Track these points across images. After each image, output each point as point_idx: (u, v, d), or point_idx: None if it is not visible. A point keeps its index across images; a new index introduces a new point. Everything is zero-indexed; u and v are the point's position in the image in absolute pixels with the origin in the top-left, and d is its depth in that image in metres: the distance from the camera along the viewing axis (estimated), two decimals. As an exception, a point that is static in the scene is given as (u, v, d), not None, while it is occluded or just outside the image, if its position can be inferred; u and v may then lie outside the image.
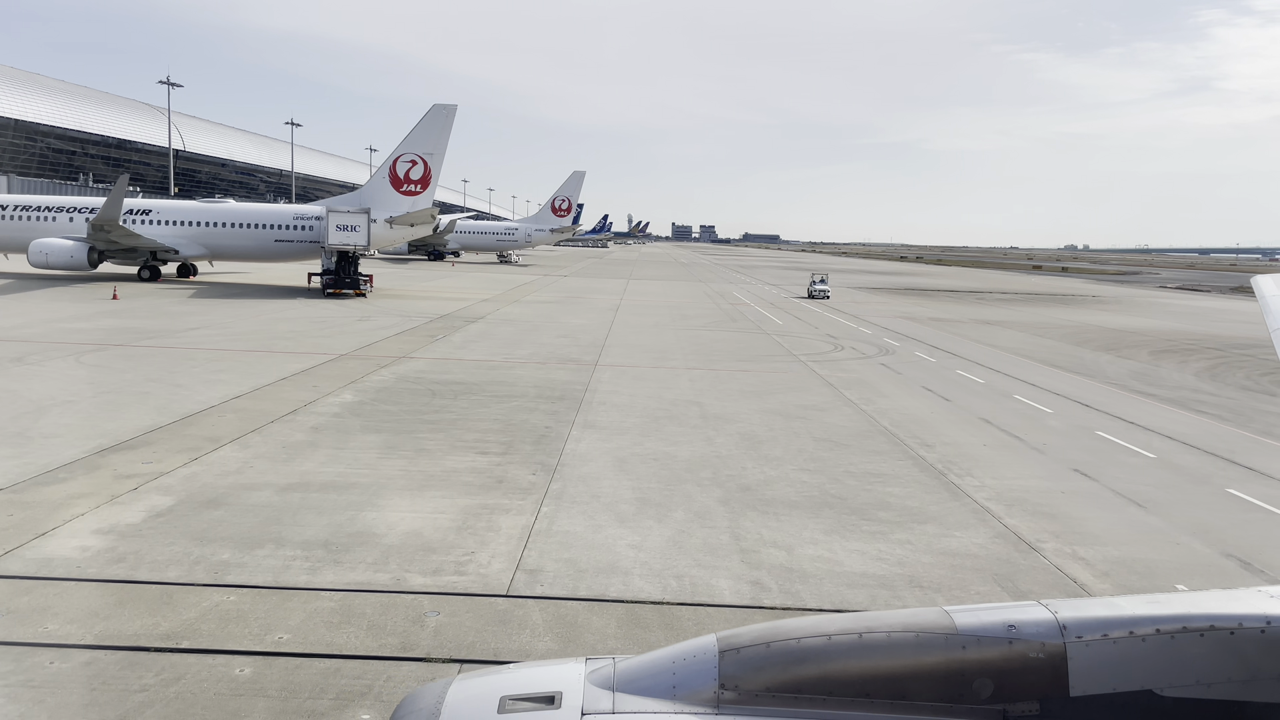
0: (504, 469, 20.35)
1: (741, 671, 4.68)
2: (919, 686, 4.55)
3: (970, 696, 4.52)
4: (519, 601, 13.24)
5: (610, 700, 4.74)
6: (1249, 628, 4.46)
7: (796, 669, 4.64)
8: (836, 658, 4.64)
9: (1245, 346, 55.01)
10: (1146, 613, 4.58)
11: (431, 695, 5.00)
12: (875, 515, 18.21)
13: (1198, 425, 29.08)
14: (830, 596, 13.98)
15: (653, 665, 4.96)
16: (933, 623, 4.72)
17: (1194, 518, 18.86)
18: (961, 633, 4.61)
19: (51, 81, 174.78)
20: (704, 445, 23.62)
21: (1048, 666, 4.47)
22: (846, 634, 4.72)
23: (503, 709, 4.69)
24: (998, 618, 4.67)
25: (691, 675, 4.76)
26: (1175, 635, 4.46)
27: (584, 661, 5.13)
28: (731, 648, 4.81)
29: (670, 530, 16.70)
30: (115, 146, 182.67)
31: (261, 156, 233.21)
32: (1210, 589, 11.46)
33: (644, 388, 31.72)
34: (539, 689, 4.84)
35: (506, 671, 5.32)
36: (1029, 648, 4.51)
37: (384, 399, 27.65)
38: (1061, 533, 17.57)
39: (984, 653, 4.55)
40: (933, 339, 52.47)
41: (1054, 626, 4.56)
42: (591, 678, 4.92)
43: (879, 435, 25.69)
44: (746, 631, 4.92)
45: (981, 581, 14.88)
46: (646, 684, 4.82)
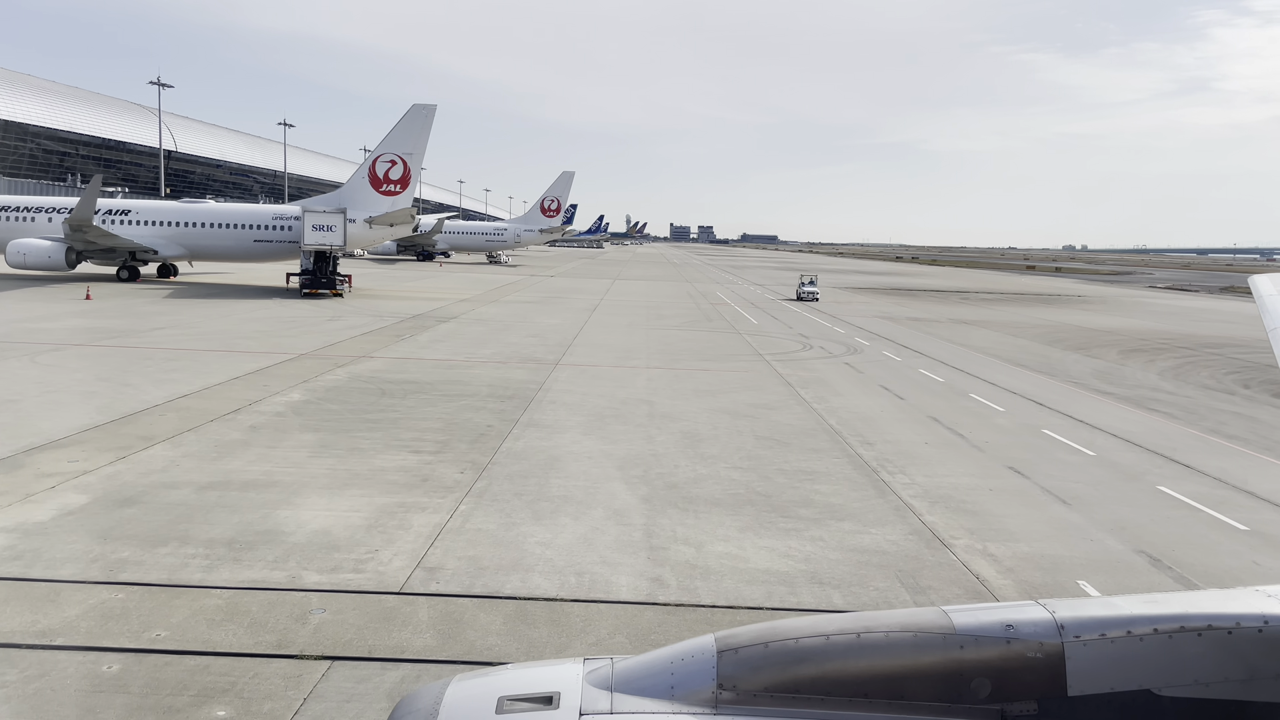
0: (433, 468, 20.36)
1: (740, 672, 4.69)
2: (917, 686, 4.55)
3: (968, 696, 4.52)
4: (409, 599, 13.25)
5: (608, 700, 4.75)
6: (1247, 627, 4.45)
7: (795, 669, 4.65)
8: (835, 658, 4.65)
9: (1218, 346, 55.06)
10: (1144, 612, 4.59)
11: (429, 696, 5.01)
12: (796, 513, 18.24)
13: (1146, 423, 29.11)
14: (726, 593, 14.00)
15: (651, 665, 4.97)
16: (931, 622, 4.73)
17: (1116, 515, 18.89)
18: (959, 632, 4.61)
19: (41, 82, 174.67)
20: (643, 444, 23.63)
21: (1045, 666, 4.48)
22: (844, 634, 4.73)
23: (500, 709, 4.70)
24: (995, 617, 4.68)
25: (690, 675, 4.77)
26: (1173, 635, 4.45)
27: (582, 662, 5.15)
28: (730, 648, 4.82)
29: (584, 528, 16.72)
30: (107, 147, 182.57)
31: (255, 157, 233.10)
32: (1200, 589, 11.37)
33: (598, 387, 31.74)
34: (537, 689, 4.86)
35: (504, 671, 5.33)
36: (1027, 647, 4.51)
37: (331, 398, 27.67)
38: (977, 529, 17.60)
39: (982, 652, 4.55)
40: (904, 338, 52.50)
41: (1052, 626, 4.56)
42: (589, 678, 4.94)
43: (822, 433, 25.72)
44: (744, 632, 4.93)
45: (883, 578, 14.90)
46: (644, 684, 4.83)
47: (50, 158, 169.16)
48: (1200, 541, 17.38)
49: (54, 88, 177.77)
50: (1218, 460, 24.20)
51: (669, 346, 44.54)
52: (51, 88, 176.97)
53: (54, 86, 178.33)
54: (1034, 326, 64.20)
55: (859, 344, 48.78)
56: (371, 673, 11.02)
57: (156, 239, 70.35)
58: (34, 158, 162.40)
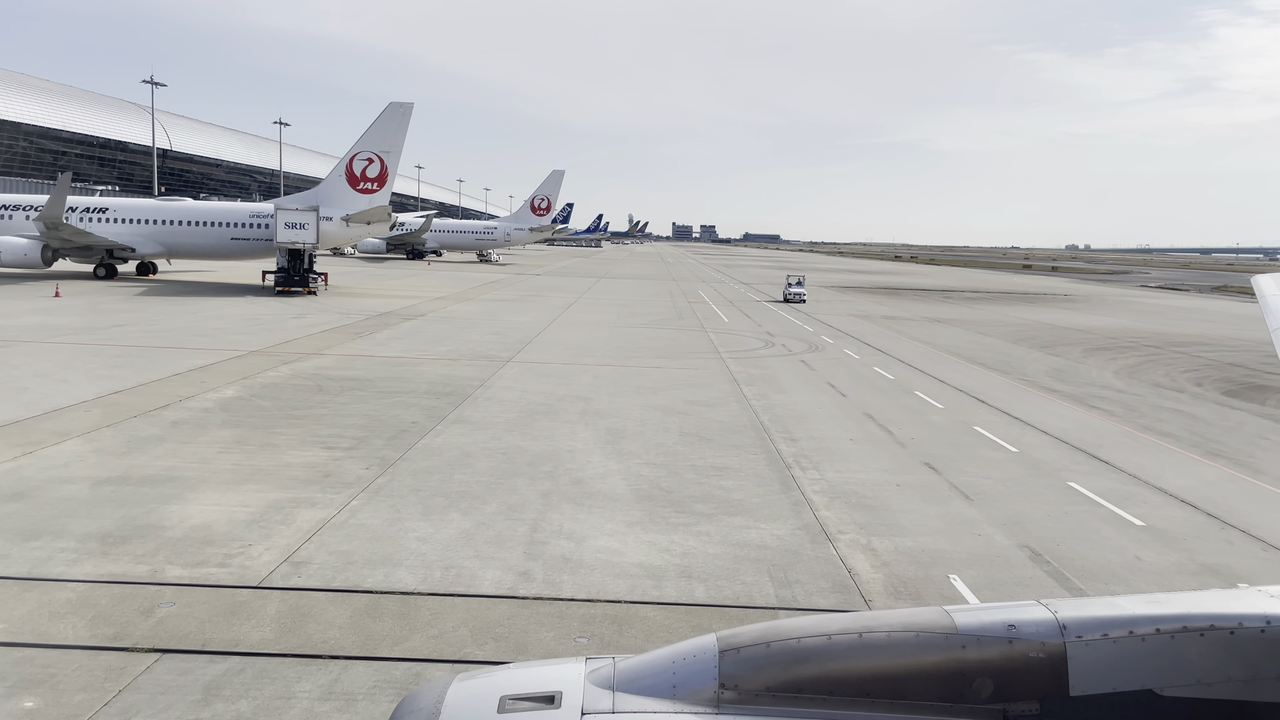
0: (340, 464, 20.39)
1: (742, 671, 4.70)
2: (919, 686, 4.56)
3: (970, 696, 4.53)
4: (263, 593, 13.29)
5: (610, 700, 4.75)
6: (1249, 627, 4.45)
7: (797, 669, 4.65)
8: (837, 657, 4.65)
9: (1187, 344, 54.96)
10: (1147, 612, 4.59)
11: (431, 695, 5.03)
12: (692, 508, 18.25)
13: (1081, 421, 29.07)
14: (590, 587, 14.03)
15: (653, 665, 4.98)
16: (933, 622, 4.73)
17: (1015, 510, 18.88)
18: (961, 632, 4.63)
19: (36, 80, 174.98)
20: (564, 440, 23.66)
21: (1048, 666, 4.48)
22: (846, 633, 4.74)
23: (502, 709, 4.71)
24: (998, 617, 4.69)
25: (692, 675, 4.77)
26: (1175, 635, 4.46)
27: (584, 661, 5.15)
28: (731, 647, 4.82)
29: (471, 523, 16.74)
30: (102, 146, 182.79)
31: (251, 156, 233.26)
32: (1206, 587, 11.36)
33: (541, 384, 31.76)
34: (539, 689, 4.87)
35: (506, 671, 5.33)
36: (1029, 647, 4.52)
37: (265, 395, 27.71)
38: (868, 524, 17.60)
39: (984, 652, 4.56)
40: (871, 337, 52.46)
41: (1054, 626, 4.57)
42: (591, 677, 4.94)
43: (750, 430, 25.72)
44: (746, 631, 4.94)
45: (754, 573, 14.92)
46: (646, 684, 4.83)
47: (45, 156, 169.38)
48: (1090, 537, 17.37)
49: (48, 86, 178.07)
50: (1139, 457, 24.18)
51: (629, 344, 44.55)
52: (46, 86, 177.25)
53: (48, 85, 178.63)
54: (1007, 325, 64.12)
55: (823, 342, 48.76)
56: (196, 666, 11.05)
57: (134, 237, 70.48)
58: (27, 156, 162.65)
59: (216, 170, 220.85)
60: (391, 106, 71.82)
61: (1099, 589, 14.77)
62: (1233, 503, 20.13)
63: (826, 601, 13.89)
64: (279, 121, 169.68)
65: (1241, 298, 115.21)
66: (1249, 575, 15.58)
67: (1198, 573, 15.69)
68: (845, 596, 14.11)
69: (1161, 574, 15.57)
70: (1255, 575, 15.61)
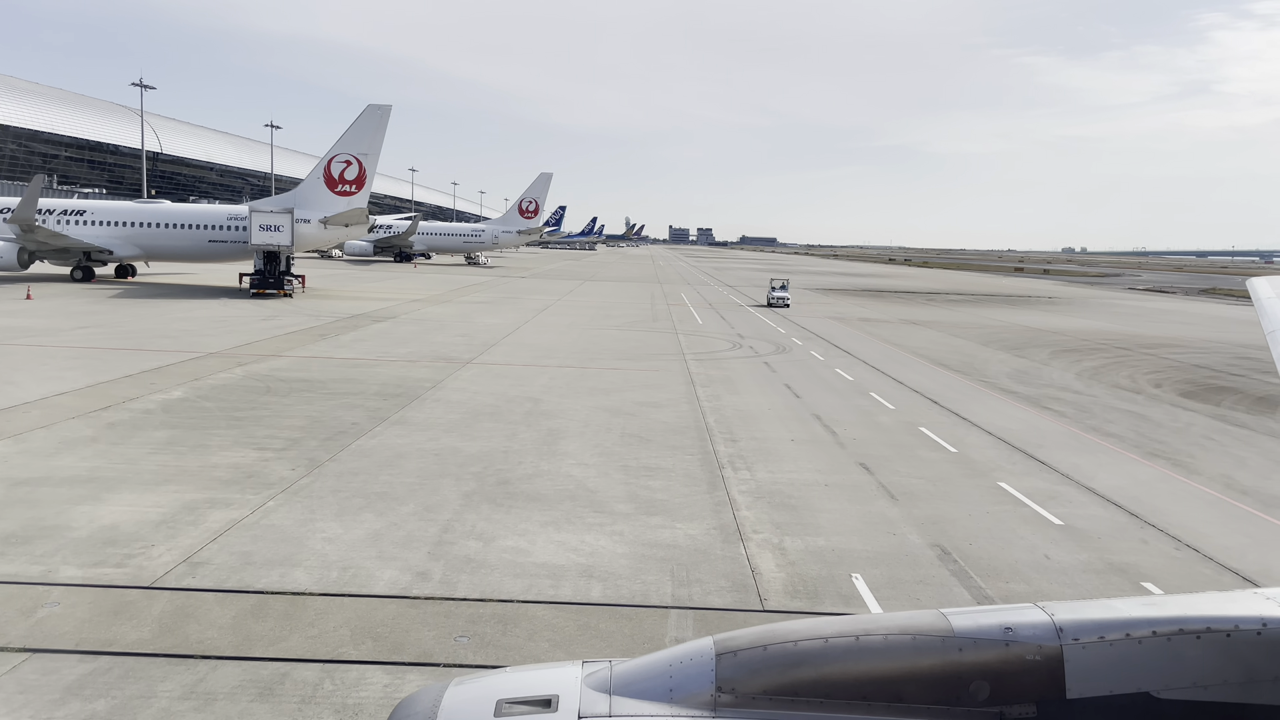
0: (267, 465, 20.36)
1: (738, 674, 4.70)
2: (916, 689, 4.55)
3: (967, 699, 4.52)
4: (152, 593, 13.26)
5: (607, 704, 4.75)
6: (1245, 630, 4.44)
7: (794, 672, 4.64)
8: (833, 660, 4.65)
9: (1158, 346, 55.00)
10: (1143, 615, 4.58)
11: (428, 699, 5.02)
12: (613, 508, 18.24)
13: (1030, 421, 29.09)
14: (486, 587, 14.01)
15: (650, 668, 4.97)
16: (929, 625, 4.73)
17: (936, 510, 18.88)
18: (958, 635, 4.62)
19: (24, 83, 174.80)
20: (502, 441, 23.64)
21: (1044, 669, 4.47)
22: (843, 636, 4.73)
23: (499, 712, 4.71)
24: (994, 620, 4.68)
25: (688, 678, 4.77)
26: (1172, 637, 4.45)
27: (580, 665, 5.14)
28: (728, 650, 4.82)
29: (384, 524, 16.72)
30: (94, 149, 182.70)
31: (244, 159, 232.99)
32: (1205, 590, 11.24)
33: (494, 385, 31.74)
34: (536, 692, 4.87)
35: (503, 674, 5.33)
36: (1025, 650, 4.52)
37: (211, 396, 27.68)
38: (785, 524, 17.60)
39: (980, 655, 4.55)
40: (842, 339, 52.48)
41: (1050, 629, 4.56)
42: (588, 681, 4.93)
43: (693, 431, 25.72)
44: (743, 634, 4.93)
45: (657, 572, 14.90)
46: (643, 687, 4.83)
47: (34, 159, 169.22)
48: (1004, 536, 17.37)
49: (38, 89, 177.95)
50: (1077, 457, 24.18)
51: (595, 346, 44.54)
52: (35, 89, 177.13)
53: (37, 88, 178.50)
54: (982, 327, 64.15)
55: (792, 344, 48.77)
56: (64, 665, 11.02)
57: (111, 239, 70.43)
58: (16, 159, 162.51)
59: (209, 173, 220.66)
60: (370, 109, 71.82)
61: (1000, 588, 14.78)
62: (1159, 502, 20.14)
63: (721, 600, 13.89)
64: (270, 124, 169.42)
65: (1228, 300, 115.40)
66: (1153, 575, 15.59)
67: (1104, 572, 15.70)
68: (742, 595, 14.11)
69: (1066, 573, 15.57)
70: (1158, 575, 15.62)
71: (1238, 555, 16.77)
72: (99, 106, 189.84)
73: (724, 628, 12.62)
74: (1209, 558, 16.59)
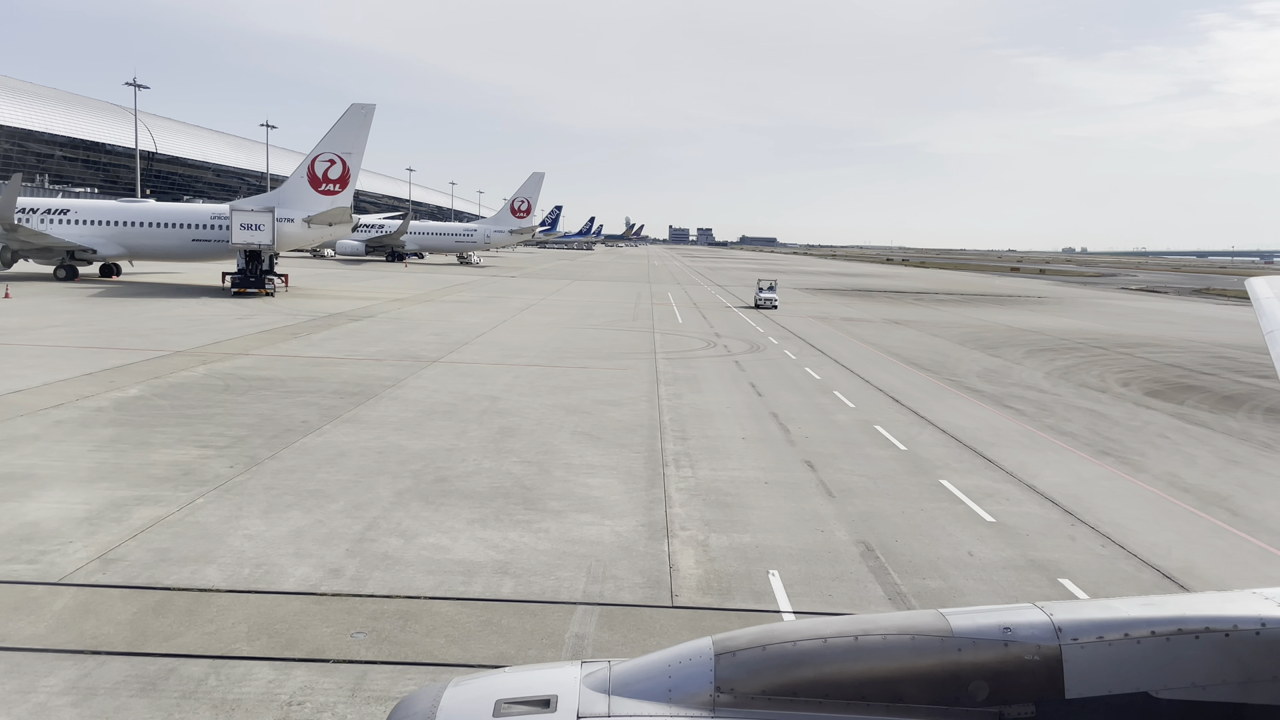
0: (206, 463, 20.35)
1: (737, 675, 4.70)
2: (914, 689, 4.56)
3: (966, 699, 4.52)
4: (58, 589, 13.26)
5: (606, 704, 4.75)
6: (1244, 630, 4.45)
7: (792, 672, 4.65)
8: (832, 660, 4.65)
9: (1134, 345, 54.96)
10: (1142, 615, 4.58)
11: (427, 699, 5.03)
12: (546, 505, 18.23)
13: (987, 420, 29.06)
14: (397, 584, 13.99)
15: (649, 668, 4.97)
16: (928, 625, 4.73)
17: (871, 507, 18.87)
18: (957, 635, 4.62)
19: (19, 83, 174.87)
20: (451, 438, 23.63)
21: (1043, 669, 4.48)
22: (842, 637, 4.73)
23: (498, 712, 4.71)
24: (993, 620, 4.69)
25: (687, 678, 4.78)
26: (1171, 637, 4.45)
27: (579, 665, 5.15)
28: (728, 650, 4.82)
29: (309, 521, 16.71)
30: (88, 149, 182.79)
31: (240, 159, 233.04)
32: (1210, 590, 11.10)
33: (456, 384, 31.72)
34: (534, 692, 4.87)
35: (502, 675, 5.33)
36: (1024, 650, 4.52)
37: (168, 394, 27.67)
38: (715, 521, 17.59)
39: (979, 655, 4.56)
40: (819, 338, 52.46)
41: (1049, 629, 4.57)
42: (587, 681, 4.94)
43: (645, 429, 25.70)
44: (742, 635, 4.93)
45: (573, 569, 14.88)
46: (642, 687, 4.83)
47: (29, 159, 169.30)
48: (933, 532, 17.35)
49: (32, 89, 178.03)
50: (1026, 455, 24.17)
51: (568, 345, 44.52)
52: (29, 89, 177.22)
53: (31, 88, 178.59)
54: (964, 326, 64.12)
55: (768, 343, 48.77)
56: (-51, 659, 10.99)
57: (94, 238, 70.44)
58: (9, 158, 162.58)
59: (205, 173, 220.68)
60: (353, 108, 71.86)
61: (916, 584, 14.77)
62: (1097, 500, 20.12)
63: (631, 597, 13.87)
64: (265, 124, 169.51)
65: (1219, 301, 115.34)
66: (1072, 571, 15.57)
67: (1024, 568, 15.68)
68: (653, 592, 14.10)
69: (985, 569, 15.56)
70: (1077, 571, 15.60)
71: (1162, 552, 16.75)
72: (94, 106, 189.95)
73: (627, 624, 12.64)
74: (1133, 554, 16.58)
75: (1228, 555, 16.77)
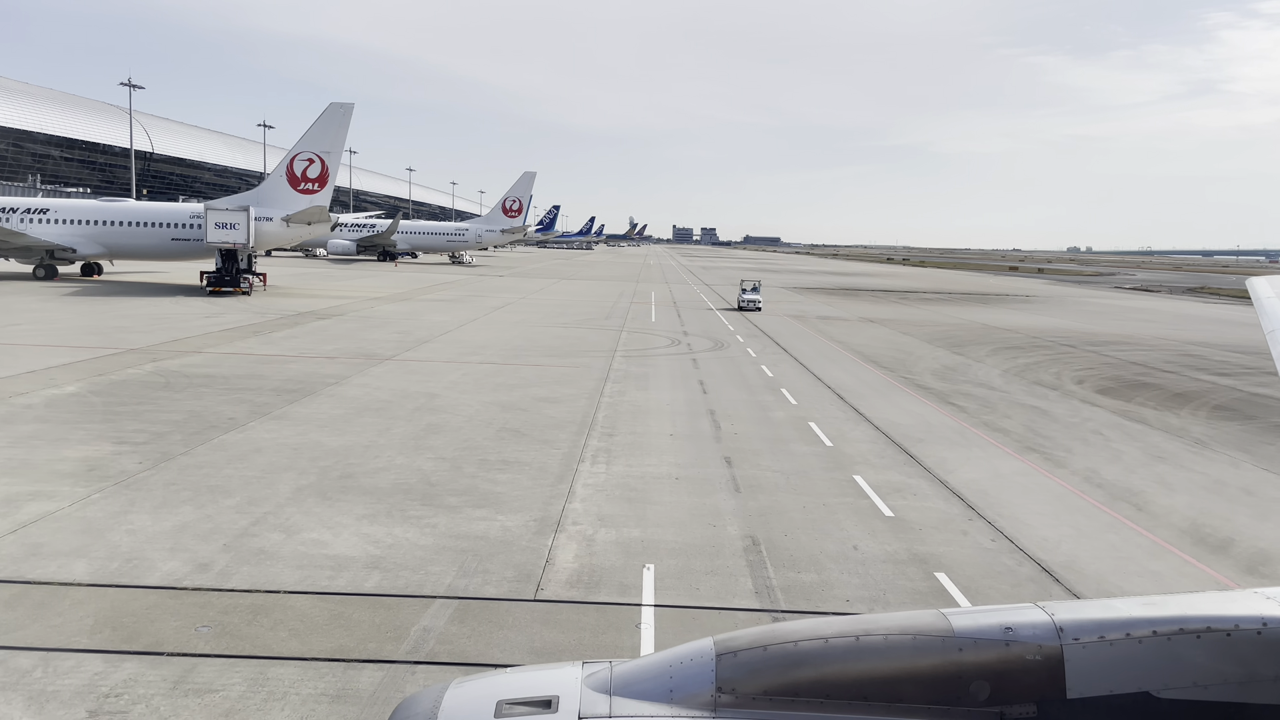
0: (117, 459, 20.37)
1: (739, 675, 4.70)
2: (916, 689, 4.55)
3: (967, 699, 4.52)
4: (-89, 582, 13.22)
5: (607, 704, 4.75)
6: (1246, 629, 4.44)
7: (794, 672, 4.64)
8: (833, 661, 4.65)
9: (1104, 343, 54.81)
10: (1143, 615, 4.57)
11: (428, 699, 5.03)
12: (443, 501, 18.22)
13: (925, 417, 28.98)
14: (263, 578, 13.99)
15: (650, 669, 4.97)
16: (929, 625, 4.73)
17: (774, 503, 18.84)
18: (958, 635, 4.62)
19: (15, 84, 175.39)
20: (374, 435, 23.63)
21: (1044, 669, 4.48)
22: (843, 637, 4.73)
23: (499, 713, 4.72)
24: (994, 620, 4.69)
25: (689, 679, 4.78)
26: (1172, 637, 4.44)
27: (581, 665, 5.14)
28: (729, 651, 4.82)
29: (198, 516, 16.72)
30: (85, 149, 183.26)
31: (238, 158, 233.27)
32: (1208, 589, 11.21)
33: (400, 382, 31.72)
34: (536, 693, 4.87)
35: (503, 675, 5.34)
36: (1025, 650, 4.52)
37: (103, 391, 27.70)
38: (611, 517, 17.58)
39: (980, 655, 4.56)
40: (786, 337, 52.40)
41: (1050, 629, 4.56)
42: (588, 681, 4.94)
43: (574, 426, 25.69)
44: (743, 635, 4.94)
45: (446, 564, 14.87)
46: (643, 687, 4.83)
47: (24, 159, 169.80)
48: (825, 528, 17.31)
49: (28, 89, 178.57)
50: (950, 451, 24.10)
51: (530, 343, 44.51)
52: (26, 89, 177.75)
53: (28, 88, 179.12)
54: (939, 325, 63.99)
55: (734, 341, 48.74)
56: None
57: (74, 238, 70.62)
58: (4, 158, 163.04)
59: (204, 173, 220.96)
60: (332, 107, 71.96)
61: (790, 578, 14.74)
62: (1006, 495, 20.06)
63: (495, 591, 13.85)
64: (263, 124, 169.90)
65: (1211, 299, 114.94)
66: (950, 565, 15.52)
67: (904, 562, 15.65)
68: (519, 586, 14.08)
69: (865, 563, 15.52)
70: (955, 565, 15.55)
71: (1051, 547, 16.69)
72: (91, 106, 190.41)
73: (480, 617, 12.62)
74: (1020, 549, 16.52)
75: (1116, 550, 16.70)
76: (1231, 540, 17.46)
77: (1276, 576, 15.64)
